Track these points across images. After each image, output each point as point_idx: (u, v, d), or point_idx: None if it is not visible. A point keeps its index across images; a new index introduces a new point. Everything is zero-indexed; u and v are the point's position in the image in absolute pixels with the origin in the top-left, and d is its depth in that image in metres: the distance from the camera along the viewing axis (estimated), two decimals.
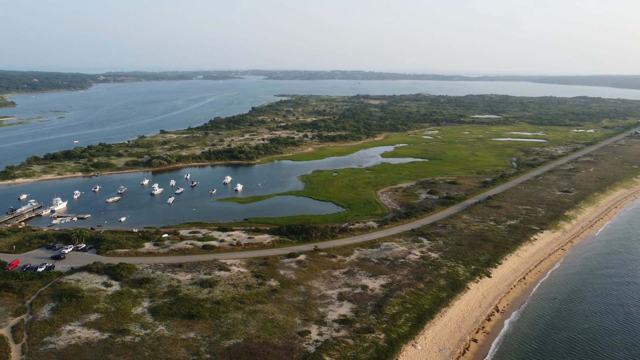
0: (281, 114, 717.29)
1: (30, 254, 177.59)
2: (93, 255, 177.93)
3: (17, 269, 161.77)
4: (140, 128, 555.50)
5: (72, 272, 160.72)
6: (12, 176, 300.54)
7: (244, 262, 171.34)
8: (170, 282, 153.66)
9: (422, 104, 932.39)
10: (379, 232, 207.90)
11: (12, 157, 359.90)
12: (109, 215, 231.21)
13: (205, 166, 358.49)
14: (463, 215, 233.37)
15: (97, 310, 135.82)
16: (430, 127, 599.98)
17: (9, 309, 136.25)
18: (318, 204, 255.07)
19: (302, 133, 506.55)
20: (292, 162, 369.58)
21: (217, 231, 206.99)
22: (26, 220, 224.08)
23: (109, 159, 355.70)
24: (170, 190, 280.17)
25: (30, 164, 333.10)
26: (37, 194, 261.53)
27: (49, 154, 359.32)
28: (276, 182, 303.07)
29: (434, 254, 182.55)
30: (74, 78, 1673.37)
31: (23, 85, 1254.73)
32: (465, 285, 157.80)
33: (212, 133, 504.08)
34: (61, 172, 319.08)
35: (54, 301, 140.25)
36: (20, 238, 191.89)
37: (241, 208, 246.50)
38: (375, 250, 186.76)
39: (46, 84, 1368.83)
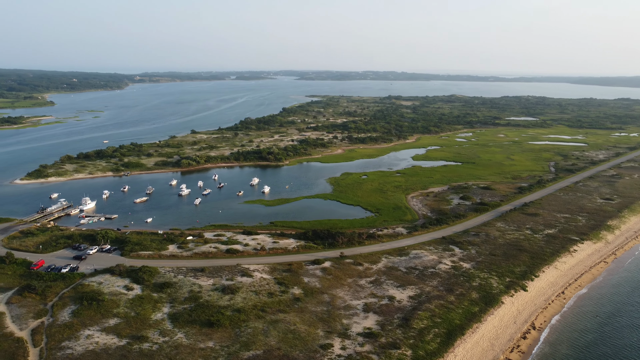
0: (311, 114, 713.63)
1: (56, 254, 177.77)
2: (117, 256, 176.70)
3: (42, 270, 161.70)
4: (172, 128, 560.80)
5: (95, 274, 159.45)
6: (45, 175, 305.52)
7: (267, 268, 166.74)
8: (192, 287, 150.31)
9: (455, 106, 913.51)
10: (408, 239, 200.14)
11: (46, 156, 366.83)
12: (136, 216, 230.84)
13: (233, 167, 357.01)
14: (497, 222, 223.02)
15: (116, 314, 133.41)
16: (464, 130, 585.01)
17: (30, 310, 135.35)
18: (346, 208, 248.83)
19: (331, 134, 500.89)
20: (321, 164, 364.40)
21: (242, 234, 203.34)
22: (55, 219, 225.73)
23: (139, 159, 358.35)
24: (197, 191, 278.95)
25: (63, 163, 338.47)
26: (67, 193, 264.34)
27: (81, 153, 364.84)
28: (304, 184, 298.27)
29: (465, 264, 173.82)
30: (111, 78, 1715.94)
31: (63, 85, 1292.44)
32: (499, 299, 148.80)
33: (241, 134, 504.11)
34: (92, 171, 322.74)
35: (75, 304, 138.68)
36: (47, 238, 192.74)
37: (267, 211, 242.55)
38: (404, 258, 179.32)
39: (84, 83, 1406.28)
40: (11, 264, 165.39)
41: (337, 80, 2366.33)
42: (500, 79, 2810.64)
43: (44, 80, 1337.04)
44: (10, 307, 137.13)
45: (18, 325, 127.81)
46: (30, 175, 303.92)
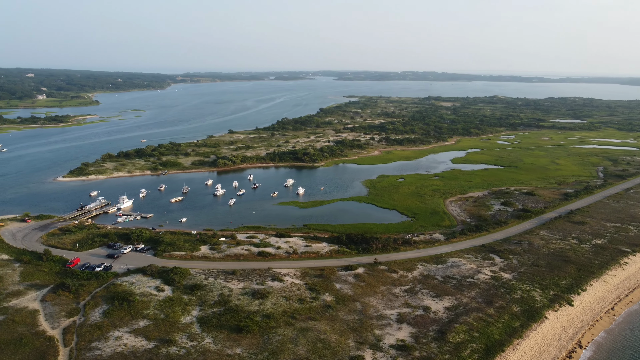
0: (349, 115, 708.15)
1: (91, 252, 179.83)
2: (150, 256, 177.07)
3: (77, 268, 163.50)
4: (210, 127, 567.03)
5: (128, 273, 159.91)
6: (86, 172, 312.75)
7: (298, 273, 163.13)
8: (222, 290, 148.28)
9: (497, 107, 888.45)
10: (446, 246, 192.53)
11: (89, 154, 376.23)
12: (171, 216, 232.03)
13: (269, 167, 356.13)
14: (541, 231, 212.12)
15: (146, 316, 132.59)
16: (506, 132, 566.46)
17: (63, 309, 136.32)
18: (381, 212, 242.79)
19: (368, 135, 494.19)
20: (357, 166, 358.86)
21: (275, 237, 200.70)
22: (93, 217, 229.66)
23: (176, 158, 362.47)
24: (232, 191, 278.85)
25: (104, 161, 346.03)
26: (106, 191, 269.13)
27: (122, 152, 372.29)
28: (339, 186, 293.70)
29: (506, 275, 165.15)
30: (154, 78, 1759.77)
31: (108, 85, 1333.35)
32: (542, 314, 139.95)
33: (278, 134, 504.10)
34: (131, 170, 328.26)
35: (107, 304, 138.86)
36: (84, 236, 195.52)
37: (301, 213, 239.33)
38: (441, 266, 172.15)
39: (129, 83, 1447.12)
40: (48, 261, 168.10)
41: (376, 81, 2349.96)
42: (545, 80, 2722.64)
43: (91, 80, 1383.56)
44: (44, 305, 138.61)
45: (50, 324, 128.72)
46: (73, 173, 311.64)
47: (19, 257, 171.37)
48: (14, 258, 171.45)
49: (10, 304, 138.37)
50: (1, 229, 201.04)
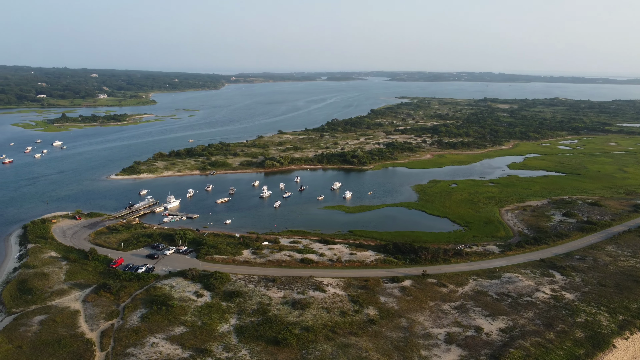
0: (400, 117, 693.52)
1: (135, 252, 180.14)
2: (192, 259, 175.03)
3: (120, 268, 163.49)
4: (260, 128, 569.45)
5: (169, 276, 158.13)
6: (137, 171, 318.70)
7: (341, 283, 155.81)
8: (261, 298, 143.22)
9: (558, 110, 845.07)
10: (501, 260, 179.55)
11: (141, 153, 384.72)
12: (216, 217, 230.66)
13: (316, 169, 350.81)
14: (608, 246, 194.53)
15: (183, 322, 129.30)
16: (568, 136, 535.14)
17: (103, 311, 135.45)
18: (431, 220, 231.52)
19: (420, 138, 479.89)
20: (407, 170, 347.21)
21: (319, 243, 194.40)
22: (141, 216, 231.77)
23: (225, 158, 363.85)
24: (278, 193, 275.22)
25: (155, 160, 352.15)
26: (155, 190, 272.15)
27: (173, 151, 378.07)
28: (387, 191, 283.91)
29: (569, 295, 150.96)
30: (209, 79, 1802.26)
31: (165, 85, 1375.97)
32: (609, 342, 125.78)
33: (327, 135, 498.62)
34: (181, 169, 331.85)
35: (146, 307, 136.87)
36: (129, 235, 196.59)
37: (347, 218, 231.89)
38: (495, 282, 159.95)
39: (185, 83, 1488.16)
40: (93, 260, 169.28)
41: (430, 82, 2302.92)
42: (611, 81, 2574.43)
43: (150, 80, 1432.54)
44: (85, 306, 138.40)
45: (90, 326, 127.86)
46: (125, 171, 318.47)
47: (66, 255, 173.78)
48: (62, 256, 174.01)
49: (54, 303, 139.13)
50: (53, 226, 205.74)
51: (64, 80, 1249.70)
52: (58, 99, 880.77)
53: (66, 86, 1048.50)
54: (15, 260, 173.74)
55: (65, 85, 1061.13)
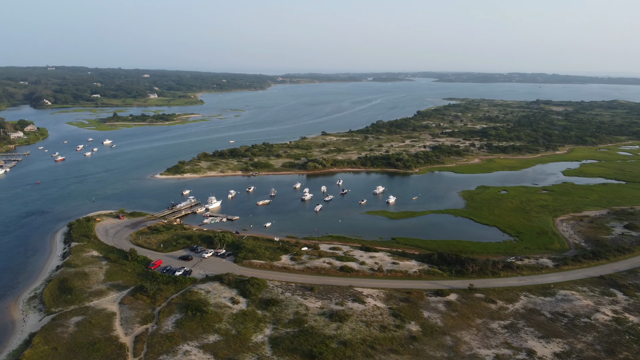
0: (447, 119, 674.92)
1: (174, 254, 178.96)
2: (230, 263, 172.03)
3: (158, 270, 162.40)
4: (304, 129, 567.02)
5: (205, 280, 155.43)
6: (181, 171, 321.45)
7: (382, 294, 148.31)
8: (298, 308, 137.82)
9: (617, 113, 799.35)
10: (555, 275, 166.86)
11: (185, 153, 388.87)
12: (256, 219, 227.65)
13: (359, 172, 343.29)
14: None
15: (217, 330, 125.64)
16: (629, 141, 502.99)
17: (138, 314, 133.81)
18: (479, 228, 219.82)
19: (468, 141, 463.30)
20: (454, 175, 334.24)
21: (360, 250, 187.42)
22: (182, 217, 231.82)
23: (268, 159, 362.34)
24: (320, 196, 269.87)
25: (199, 160, 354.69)
26: (198, 190, 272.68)
27: (217, 151, 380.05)
28: (433, 196, 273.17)
29: (633, 318, 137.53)
30: (255, 79, 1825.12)
31: (213, 85, 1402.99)
32: None
33: (371, 137, 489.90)
34: (224, 169, 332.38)
35: (180, 312, 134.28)
36: (169, 236, 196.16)
37: (390, 225, 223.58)
38: (549, 300, 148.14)
39: (232, 84, 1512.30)
40: (132, 260, 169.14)
41: (479, 83, 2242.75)
42: None
43: (198, 81, 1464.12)
44: (121, 308, 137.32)
45: (124, 329, 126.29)
46: (169, 171, 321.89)
47: (107, 254, 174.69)
48: (103, 255, 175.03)
49: (91, 304, 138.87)
50: (97, 225, 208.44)
51: (117, 80, 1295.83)
52: (111, 99, 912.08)
53: (119, 86, 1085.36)
54: (59, 258, 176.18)
55: (118, 86, 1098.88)
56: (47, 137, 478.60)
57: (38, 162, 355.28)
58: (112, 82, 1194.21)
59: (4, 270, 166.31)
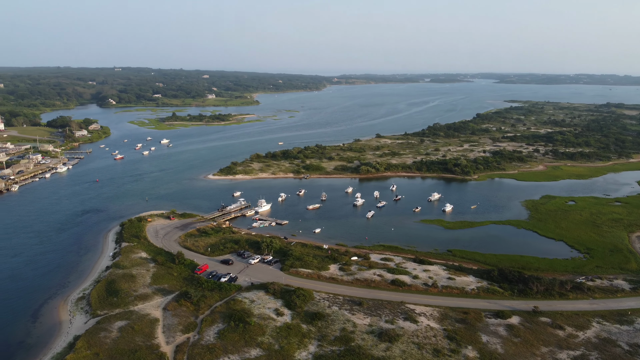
0: (509, 122, 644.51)
1: (219, 258, 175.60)
2: (276, 270, 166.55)
3: (204, 275, 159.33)
4: (358, 131, 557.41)
5: (251, 288, 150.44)
6: (234, 172, 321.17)
7: (436, 313, 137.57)
8: (345, 324, 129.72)
9: None
10: (633, 300, 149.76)
11: (239, 153, 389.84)
12: (306, 224, 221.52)
13: (414, 177, 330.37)
14: None
15: (260, 344, 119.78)
16: None
17: (181, 322, 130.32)
18: (544, 243, 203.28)
19: (532, 147, 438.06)
20: (516, 182, 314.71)
21: (413, 262, 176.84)
22: (231, 219, 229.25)
23: (320, 162, 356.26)
24: (372, 202, 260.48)
25: (251, 161, 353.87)
26: (248, 192, 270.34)
27: (269, 152, 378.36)
28: (493, 205, 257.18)
29: None
30: (311, 80, 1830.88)
31: (269, 86, 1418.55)
32: None
33: (428, 140, 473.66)
34: (275, 171, 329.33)
35: (223, 322, 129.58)
36: (217, 240, 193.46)
37: (446, 235, 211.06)
38: (626, 328, 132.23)
39: (288, 84, 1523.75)
40: (179, 264, 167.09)
41: (543, 84, 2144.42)
42: None
43: (255, 81, 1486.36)
44: (165, 315, 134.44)
45: (166, 338, 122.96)
46: (222, 172, 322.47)
47: (155, 256, 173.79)
48: (151, 257, 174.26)
49: (135, 309, 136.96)
50: (148, 225, 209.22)
51: (178, 80, 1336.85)
52: (171, 99, 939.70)
53: (179, 86, 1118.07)
54: (109, 259, 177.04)
55: (178, 86, 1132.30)
56: (109, 136, 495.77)
57: (98, 160, 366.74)
58: (173, 83, 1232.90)
59: (57, 269, 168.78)
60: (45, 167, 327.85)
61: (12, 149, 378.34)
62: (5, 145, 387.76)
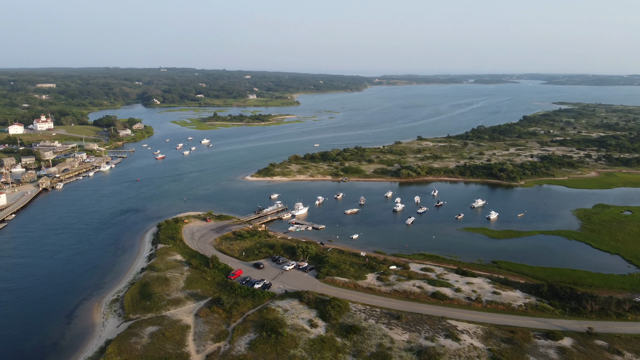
0: (558, 125, 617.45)
1: (254, 263, 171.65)
2: (311, 278, 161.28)
3: (237, 280, 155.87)
4: (398, 133, 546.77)
5: (284, 296, 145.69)
6: (272, 173, 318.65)
7: (480, 331, 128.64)
8: (382, 339, 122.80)
9: None
10: None
11: (277, 155, 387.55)
12: (343, 230, 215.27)
13: (457, 182, 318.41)
14: None
15: (292, 357, 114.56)
16: None
17: (212, 330, 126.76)
18: (598, 256, 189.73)
19: (583, 152, 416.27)
20: (566, 189, 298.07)
21: (455, 273, 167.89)
22: (267, 222, 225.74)
23: (359, 164, 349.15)
24: (412, 207, 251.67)
25: (290, 163, 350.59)
26: (285, 195, 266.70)
27: (308, 154, 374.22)
28: (541, 214, 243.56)
29: None
30: (352, 80, 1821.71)
31: (310, 87, 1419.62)
32: None
33: (471, 144, 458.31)
34: (313, 173, 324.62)
35: (255, 332, 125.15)
36: (252, 244, 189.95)
37: (490, 245, 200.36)
38: None
39: (328, 85, 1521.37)
40: (213, 268, 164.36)
41: (594, 86, 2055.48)
42: None
43: (296, 82, 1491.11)
44: (197, 321, 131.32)
45: (197, 346, 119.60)
46: (260, 173, 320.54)
47: (190, 259, 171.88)
48: (185, 260, 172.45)
49: (167, 314, 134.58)
50: (184, 226, 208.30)
51: (221, 81, 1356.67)
52: (213, 99, 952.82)
53: (222, 87, 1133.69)
54: (145, 260, 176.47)
55: (221, 86, 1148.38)
56: (152, 135, 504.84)
57: (140, 160, 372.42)
58: (216, 83, 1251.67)
59: (94, 269, 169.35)
60: (89, 166, 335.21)
61: (59, 148, 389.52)
62: (53, 144, 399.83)
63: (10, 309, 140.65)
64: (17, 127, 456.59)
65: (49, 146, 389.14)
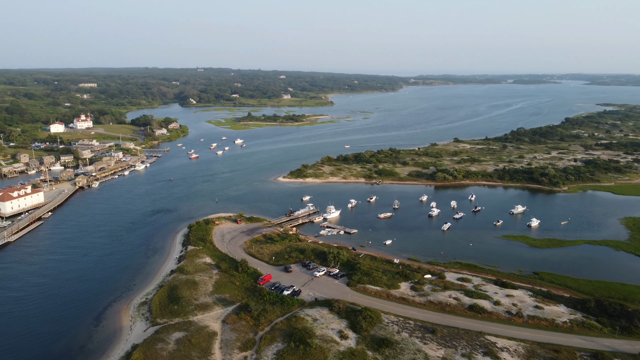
0: (603, 128, 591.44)
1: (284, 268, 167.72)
2: (342, 285, 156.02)
3: (266, 286, 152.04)
4: (434, 134, 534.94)
5: (314, 304, 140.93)
6: (304, 175, 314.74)
7: (522, 349, 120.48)
8: (416, 355, 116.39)
9: None
10: None
11: (309, 156, 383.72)
12: (376, 235, 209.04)
13: (495, 187, 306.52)
14: None
15: None
16: None
17: (239, 338, 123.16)
18: None
19: (631, 156, 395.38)
20: (613, 196, 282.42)
21: (494, 284, 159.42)
22: (299, 225, 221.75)
23: (393, 167, 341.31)
24: (449, 213, 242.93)
25: (322, 164, 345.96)
26: (317, 197, 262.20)
27: (341, 155, 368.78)
28: (586, 222, 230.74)
29: None
30: (387, 80, 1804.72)
31: (344, 87, 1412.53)
32: None
33: (511, 146, 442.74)
34: (346, 175, 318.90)
35: (283, 342, 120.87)
36: (283, 248, 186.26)
37: (531, 254, 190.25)
38: None
39: (363, 85, 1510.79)
40: (242, 272, 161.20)
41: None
42: None
43: (330, 82, 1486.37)
44: (224, 328, 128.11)
45: (223, 355, 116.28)
46: (292, 174, 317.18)
47: (219, 262, 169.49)
48: (215, 263, 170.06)
49: (195, 319, 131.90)
50: (215, 228, 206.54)
51: (256, 81, 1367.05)
52: (248, 99, 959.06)
53: (257, 87, 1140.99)
54: (174, 262, 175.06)
55: (256, 86, 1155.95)
56: (187, 135, 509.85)
57: (174, 159, 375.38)
58: (251, 83, 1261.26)
59: (124, 270, 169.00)
60: (125, 165, 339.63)
61: (97, 146, 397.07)
62: (91, 143, 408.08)
63: (41, 308, 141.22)
64: (58, 125, 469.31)
65: (87, 145, 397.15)
